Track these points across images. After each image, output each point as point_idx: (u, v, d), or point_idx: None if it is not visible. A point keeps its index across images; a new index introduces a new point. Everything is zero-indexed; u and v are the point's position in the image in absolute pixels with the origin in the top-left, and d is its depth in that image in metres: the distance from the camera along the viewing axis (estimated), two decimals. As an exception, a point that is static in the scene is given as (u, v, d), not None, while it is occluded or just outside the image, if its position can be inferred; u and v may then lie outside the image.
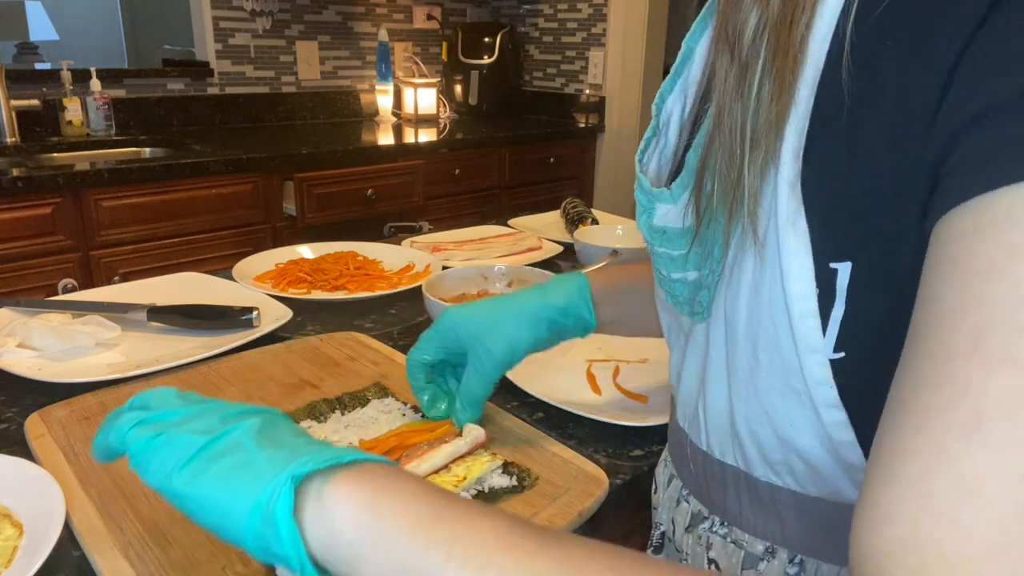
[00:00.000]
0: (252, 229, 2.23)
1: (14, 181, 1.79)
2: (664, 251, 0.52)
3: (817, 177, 0.39)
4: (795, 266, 0.39)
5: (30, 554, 0.53)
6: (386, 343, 0.94)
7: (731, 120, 0.41)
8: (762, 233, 0.42)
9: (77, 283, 1.93)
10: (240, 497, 0.38)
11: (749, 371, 0.45)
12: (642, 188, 0.53)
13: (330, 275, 1.17)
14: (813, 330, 0.40)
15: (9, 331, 0.89)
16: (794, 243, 0.39)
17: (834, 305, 0.39)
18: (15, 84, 2.30)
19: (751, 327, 0.43)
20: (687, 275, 0.50)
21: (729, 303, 0.45)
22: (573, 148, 3.09)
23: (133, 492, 0.62)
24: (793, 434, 0.44)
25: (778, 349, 0.42)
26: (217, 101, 2.74)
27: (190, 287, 1.11)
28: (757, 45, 0.40)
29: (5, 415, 0.77)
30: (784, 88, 0.39)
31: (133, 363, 0.86)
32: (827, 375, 0.41)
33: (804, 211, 0.39)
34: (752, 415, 0.46)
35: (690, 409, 0.54)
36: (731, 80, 0.41)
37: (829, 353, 0.40)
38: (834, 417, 0.42)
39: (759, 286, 0.42)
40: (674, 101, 0.53)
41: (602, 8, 3.06)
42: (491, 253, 1.36)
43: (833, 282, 0.39)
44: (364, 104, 3.14)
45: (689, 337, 0.52)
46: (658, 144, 0.55)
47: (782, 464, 0.47)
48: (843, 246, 0.38)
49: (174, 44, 3.40)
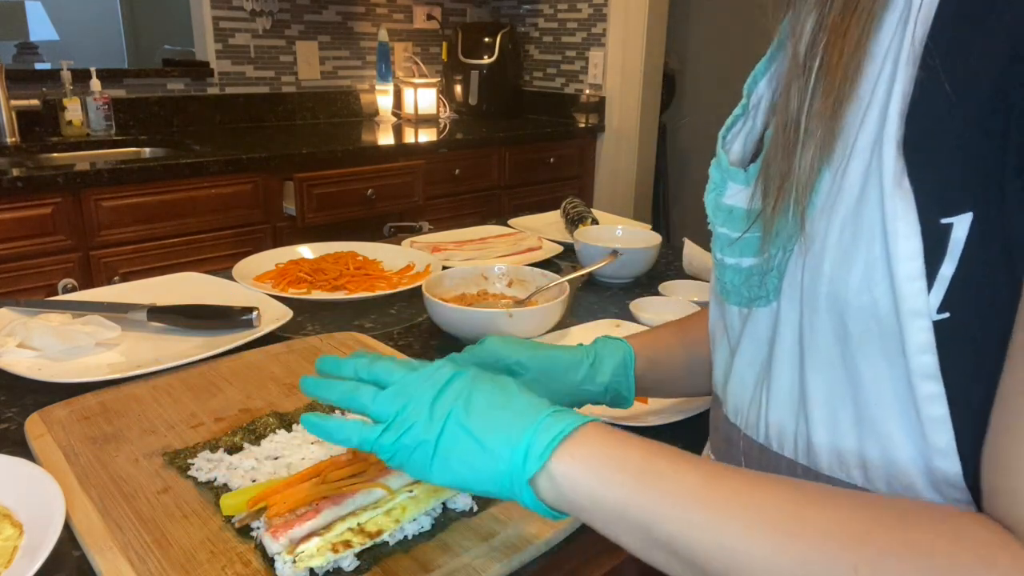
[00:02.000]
0: (252, 229, 2.23)
1: (14, 181, 1.79)
2: (724, 231, 0.52)
3: (924, 134, 0.39)
4: (902, 226, 0.39)
5: (30, 554, 0.53)
6: (386, 343, 0.94)
7: (785, 103, 0.42)
8: (809, 226, 0.43)
9: (77, 283, 1.93)
10: (484, 483, 0.47)
11: (836, 343, 0.44)
12: (719, 164, 0.54)
13: (330, 275, 1.17)
14: (919, 292, 0.39)
15: (9, 331, 0.89)
16: (901, 203, 0.39)
17: (943, 262, 0.39)
18: (15, 84, 2.30)
19: (838, 296, 0.43)
20: (742, 261, 0.50)
21: (808, 277, 0.45)
22: (573, 148, 3.09)
23: (133, 492, 0.62)
24: (877, 412, 0.43)
25: (875, 315, 0.41)
26: (217, 101, 2.74)
27: (190, 287, 1.11)
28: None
29: (5, 415, 0.77)
30: (838, 80, 0.40)
31: (133, 363, 0.86)
32: (929, 340, 0.40)
33: (907, 172, 0.39)
34: (834, 393, 0.45)
35: (745, 402, 0.54)
36: (787, 53, 0.42)
37: (933, 314, 0.39)
38: (929, 389, 0.41)
39: (850, 252, 0.42)
40: (767, 84, 0.54)
41: (602, 8, 3.06)
42: (491, 253, 1.36)
43: (945, 238, 0.38)
44: (364, 104, 3.14)
45: (744, 328, 0.52)
46: (745, 125, 0.55)
47: (854, 453, 0.45)
48: (960, 198, 0.38)
49: (174, 44, 3.40)
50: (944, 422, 0.41)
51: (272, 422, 0.72)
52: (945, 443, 0.41)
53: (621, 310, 1.10)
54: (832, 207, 0.43)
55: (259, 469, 0.65)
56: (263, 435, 0.70)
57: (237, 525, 0.58)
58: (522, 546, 0.57)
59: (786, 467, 0.50)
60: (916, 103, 0.39)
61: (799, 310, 0.46)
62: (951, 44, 0.38)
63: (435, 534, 0.58)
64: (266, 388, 0.81)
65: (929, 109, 0.39)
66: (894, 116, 0.40)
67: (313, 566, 0.53)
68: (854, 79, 0.41)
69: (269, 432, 0.71)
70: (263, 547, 0.55)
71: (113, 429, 0.72)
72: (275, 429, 0.71)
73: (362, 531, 0.55)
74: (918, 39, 0.40)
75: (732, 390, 0.55)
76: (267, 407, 0.77)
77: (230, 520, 0.58)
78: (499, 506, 0.61)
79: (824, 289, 0.43)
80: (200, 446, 0.68)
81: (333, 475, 0.59)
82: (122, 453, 0.68)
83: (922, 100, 0.39)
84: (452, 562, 0.55)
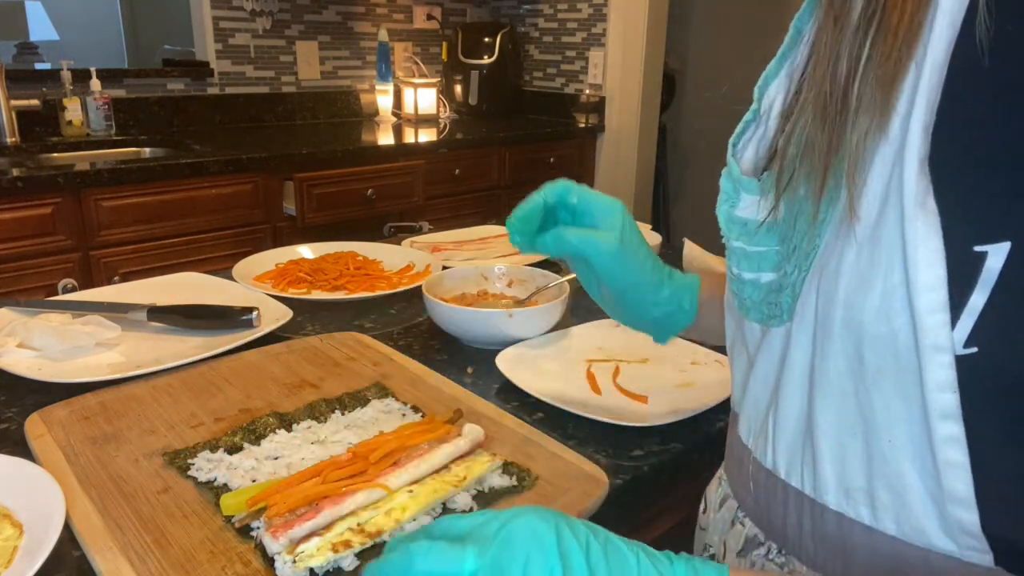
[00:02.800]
0: (252, 229, 2.23)
1: (14, 181, 1.79)
2: (740, 245, 0.49)
3: (954, 149, 0.36)
4: (923, 252, 0.36)
5: (30, 554, 0.53)
6: (386, 343, 0.94)
7: (831, 82, 0.39)
8: (863, 211, 0.39)
9: (77, 283, 1.93)
10: None
11: (849, 374, 0.41)
12: (730, 175, 0.50)
13: (330, 275, 1.17)
14: (941, 325, 0.36)
15: (9, 331, 0.89)
16: (923, 226, 0.36)
17: (972, 293, 0.35)
18: (15, 84, 2.30)
19: (853, 323, 0.40)
20: (760, 276, 0.48)
21: (822, 299, 0.42)
22: (573, 148, 3.09)
23: (133, 492, 0.62)
24: (889, 452, 0.40)
25: (893, 348, 0.38)
26: (217, 101, 2.74)
27: (190, 287, 1.11)
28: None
29: (5, 415, 0.77)
30: (894, 48, 0.36)
31: (133, 363, 0.86)
32: (951, 378, 0.36)
33: (933, 191, 0.36)
34: (844, 427, 0.42)
35: (757, 423, 0.51)
36: (830, 25, 0.39)
37: (958, 348, 0.36)
38: (948, 431, 0.37)
39: (868, 276, 0.39)
40: (778, 87, 0.49)
41: (602, 8, 3.06)
42: (491, 253, 1.36)
43: (977, 267, 0.35)
44: (364, 104, 3.14)
45: (761, 344, 0.49)
46: (756, 131, 0.51)
47: (863, 491, 0.42)
48: (998, 225, 0.34)
49: (174, 44, 3.40)
50: (963, 468, 0.37)
51: (272, 422, 0.72)
52: (963, 490, 0.38)
53: (621, 310, 1.10)
54: (846, 228, 0.40)
55: (259, 469, 0.65)
56: (263, 435, 0.70)
57: (237, 525, 0.58)
58: (522, 546, 0.57)
59: (793, 497, 0.48)
60: (944, 112, 0.36)
61: (812, 334, 0.43)
62: (999, 36, 0.34)
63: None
64: (266, 388, 0.81)
65: (962, 119, 0.36)
66: (916, 128, 0.36)
67: (313, 566, 0.53)
68: (913, 41, 0.37)
69: (269, 432, 0.71)
70: (263, 547, 0.55)
71: (113, 429, 0.72)
72: (275, 429, 0.71)
73: (362, 531, 0.55)
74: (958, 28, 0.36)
75: (746, 409, 0.53)
76: (267, 407, 0.77)
77: (230, 520, 0.58)
78: (498, 506, 0.61)
79: (839, 314, 0.40)
80: (200, 446, 0.68)
81: (333, 475, 0.59)
82: (122, 453, 0.68)
83: (953, 109, 0.36)
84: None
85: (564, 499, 0.63)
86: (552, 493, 0.63)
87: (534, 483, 0.64)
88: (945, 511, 0.39)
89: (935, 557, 0.41)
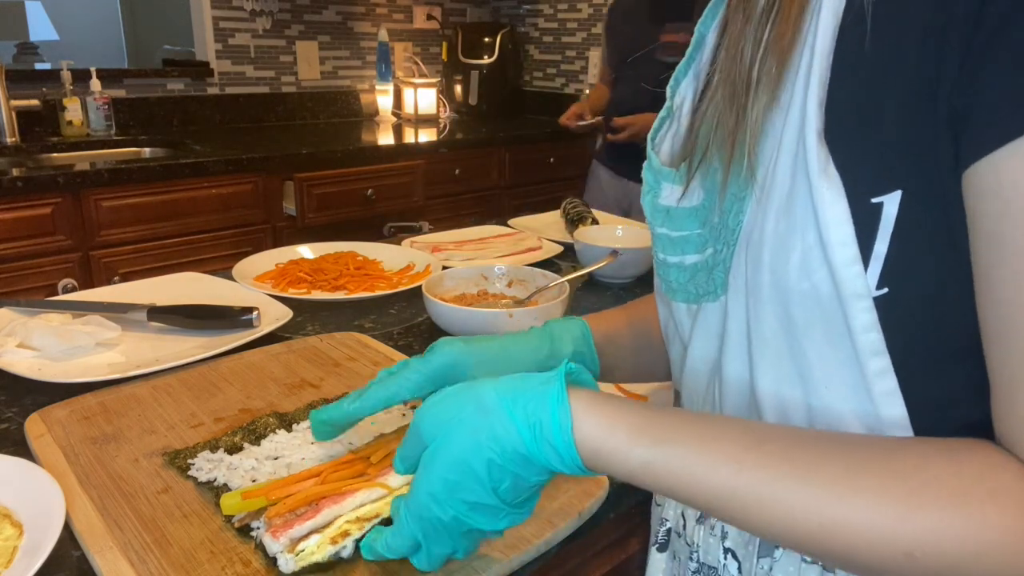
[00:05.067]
0: (252, 229, 2.23)
1: (14, 181, 1.79)
2: (664, 231, 0.53)
3: (846, 119, 0.40)
4: (831, 214, 0.40)
5: (30, 554, 0.53)
6: (386, 343, 0.94)
7: (737, 65, 0.44)
8: (761, 176, 0.44)
9: (77, 283, 1.93)
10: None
11: (782, 331, 0.45)
12: (651, 166, 0.55)
13: (330, 275, 1.17)
14: (857, 276, 0.40)
15: (9, 331, 0.89)
16: (828, 191, 0.40)
17: (875, 241, 0.40)
18: (15, 84, 2.30)
19: (780, 285, 0.44)
20: (684, 259, 0.51)
21: (750, 268, 0.45)
22: (573, 148, 3.09)
23: (133, 492, 0.62)
24: (827, 396, 0.44)
25: (817, 300, 0.42)
26: (217, 101, 2.74)
27: (190, 287, 1.11)
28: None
29: (5, 415, 0.77)
30: (788, 29, 0.42)
31: (133, 363, 0.86)
32: (873, 319, 0.41)
33: (831, 159, 0.40)
34: (783, 379, 0.46)
35: (699, 395, 0.55)
36: (739, 18, 0.44)
37: (874, 292, 0.40)
38: (878, 365, 0.42)
39: (787, 241, 0.43)
40: (687, 85, 0.55)
41: (602, 8, 3.06)
42: (491, 253, 1.36)
43: (877, 217, 0.40)
44: (364, 104, 3.14)
45: (696, 323, 0.53)
46: (672, 126, 0.56)
47: None
48: (887, 177, 0.39)
49: (174, 44, 3.40)
50: (895, 395, 0.42)
51: (272, 422, 0.72)
52: (899, 415, 0.43)
53: (621, 310, 1.10)
54: (767, 198, 0.44)
55: (259, 469, 0.65)
56: (263, 435, 0.70)
57: (237, 525, 0.58)
58: (522, 546, 0.57)
59: None
60: (834, 90, 0.41)
61: (744, 303, 0.47)
62: (873, 24, 0.39)
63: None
64: (266, 388, 0.81)
65: (848, 94, 0.40)
66: (812, 106, 0.41)
67: (315, 561, 0.53)
68: (801, 22, 0.43)
69: (269, 432, 0.71)
70: (263, 547, 0.55)
71: (113, 429, 0.72)
72: (275, 429, 0.71)
73: (359, 519, 0.55)
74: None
75: (687, 384, 0.56)
76: (267, 407, 0.77)
77: (230, 520, 0.58)
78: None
79: (766, 279, 0.44)
80: (200, 446, 0.68)
81: (333, 475, 0.59)
82: (122, 453, 0.68)
83: (841, 84, 0.40)
84: (452, 562, 0.55)
85: (564, 499, 0.63)
86: (552, 493, 0.63)
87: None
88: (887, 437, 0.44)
89: None
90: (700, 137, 0.48)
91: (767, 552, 0.51)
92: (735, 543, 0.53)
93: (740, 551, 0.53)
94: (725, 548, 0.54)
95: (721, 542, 0.54)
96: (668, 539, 0.62)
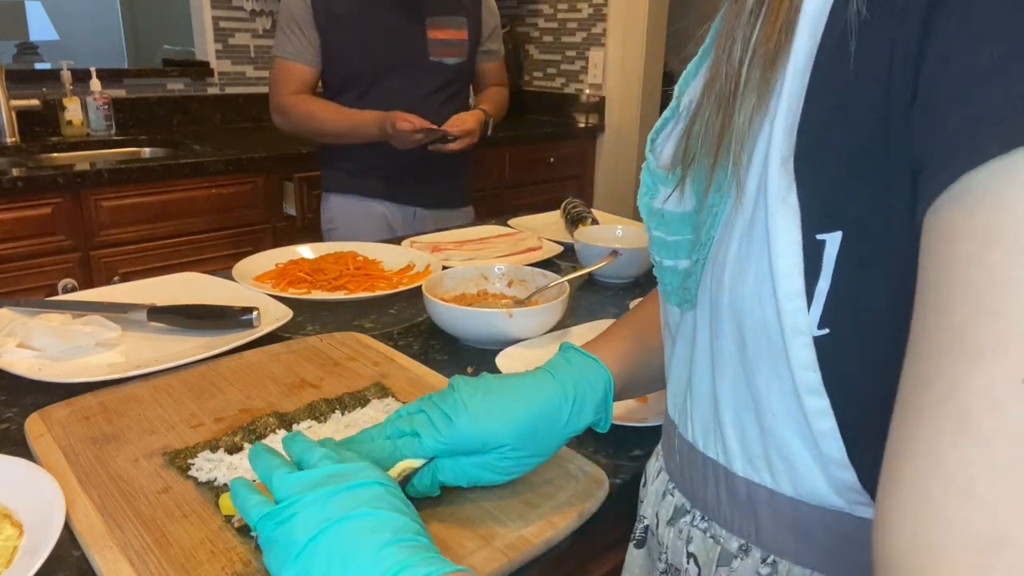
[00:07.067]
0: (252, 229, 2.23)
1: (14, 181, 1.79)
2: (659, 235, 0.53)
3: (811, 150, 0.38)
4: (782, 243, 0.39)
5: (30, 554, 0.53)
6: (386, 343, 0.94)
7: (727, 64, 0.42)
8: (750, 186, 0.41)
9: (77, 283, 1.93)
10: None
11: (737, 354, 0.45)
12: (648, 168, 0.54)
13: (330, 275, 1.17)
14: (799, 310, 0.39)
15: (9, 331, 0.89)
16: (783, 220, 0.39)
17: (819, 278, 0.39)
18: (15, 84, 2.30)
19: (735, 308, 0.43)
20: (678, 263, 0.51)
21: (714, 285, 0.45)
22: (573, 148, 3.09)
23: (133, 492, 0.62)
24: (774, 424, 0.44)
25: (765, 331, 0.42)
26: (217, 101, 2.74)
27: (190, 287, 1.11)
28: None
29: (5, 415, 0.77)
30: (776, 31, 0.39)
31: (133, 363, 0.86)
32: (811, 358, 0.40)
33: (796, 187, 0.39)
34: (739, 401, 0.46)
35: (679, 400, 0.55)
36: (731, 14, 0.42)
37: (813, 330, 0.39)
38: (816, 404, 0.41)
39: (744, 265, 0.42)
40: (696, 86, 0.52)
41: (602, 8, 3.06)
42: (491, 253, 1.36)
43: (820, 254, 0.38)
44: (364, 104, 3.13)
45: (680, 326, 0.53)
46: (675, 127, 0.54)
47: (761, 458, 0.47)
48: (832, 215, 0.38)
49: (174, 44, 3.40)
50: (833, 435, 0.42)
51: (272, 422, 0.72)
52: (837, 454, 0.42)
53: (621, 310, 1.10)
54: (732, 220, 0.43)
55: (259, 469, 0.65)
56: (263, 435, 0.70)
57: (237, 525, 0.58)
58: (522, 546, 0.57)
59: (711, 467, 0.51)
60: (808, 111, 0.38)
61: (708, 318, 0.47)
62: (842, 37, 0.37)
63: (435, 535, 0.58)
64: (266, 388, 0.81)
65: (815, 121, 0.38)
66: (779, 130, 0.39)
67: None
68: (791, 25, 0.40)
69: (269, 432, 0.71)
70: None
71: (113, 429, 0.72)
72: (275, 429, 0.71)
73: None
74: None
75: (671, 385, 0.57)
76: (267, 407, 0.77)
77: (230, 520, 0.58)
78: (498, 505, 0.61)
79: (725, 299, 0.44)
80: (200, 446, 0.68)
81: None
82: (122, 453, 0.68)
83: (810, 111, 0.38)
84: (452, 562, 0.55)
85: (564, 499, 0.63)
86: (552, 493, 0.63)
87: (533, 483, 0.64)
88: (829, 472, 0.43)
89: (829, 514, 0.45)
90: (691, 139, 0.46)
91: (726, 561, 0.51)
92: (698, 548, 0.53)
93: (701, 557, 0.53)
94: (688, 552, 0.54)
95: (686, 545, 0.54)
96: (645, 536, 0.62)
